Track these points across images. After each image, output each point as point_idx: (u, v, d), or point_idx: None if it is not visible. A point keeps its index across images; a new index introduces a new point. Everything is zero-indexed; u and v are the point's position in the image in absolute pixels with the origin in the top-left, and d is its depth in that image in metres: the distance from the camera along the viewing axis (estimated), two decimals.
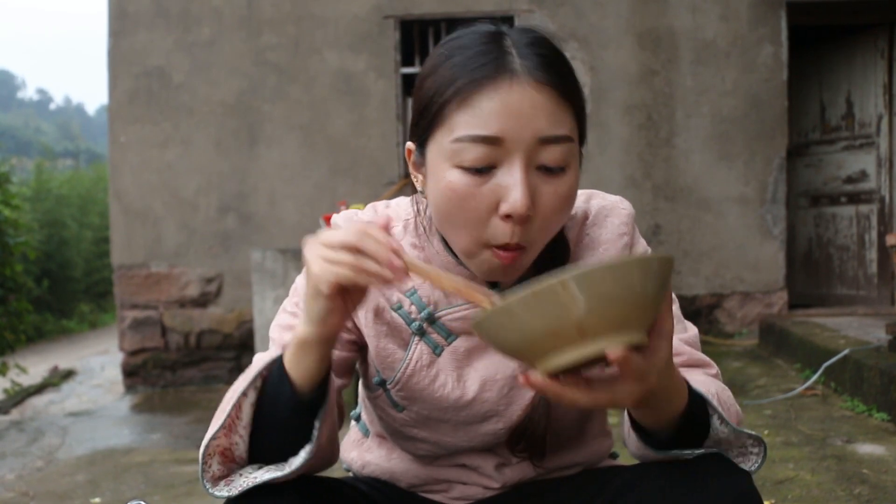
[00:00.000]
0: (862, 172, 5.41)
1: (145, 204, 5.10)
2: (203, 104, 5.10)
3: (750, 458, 0.90)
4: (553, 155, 0.83)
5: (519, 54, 0.84)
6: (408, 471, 1.05)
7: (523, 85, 0.82)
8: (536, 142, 0.82)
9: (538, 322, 0.67)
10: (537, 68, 0.83)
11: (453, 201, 0.84)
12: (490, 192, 0.83)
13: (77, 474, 3.10)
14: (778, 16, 5.02)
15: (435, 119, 0.86)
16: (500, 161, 0.83)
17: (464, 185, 0.83)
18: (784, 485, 2.31)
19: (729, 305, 5.10)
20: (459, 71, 0.84)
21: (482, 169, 0.83)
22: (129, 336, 5.08)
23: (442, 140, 0.85)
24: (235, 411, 0.83)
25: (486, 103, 0.82)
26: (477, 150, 0.82)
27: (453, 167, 0.84)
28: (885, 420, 2.91)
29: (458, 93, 0.83)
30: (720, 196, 5.07)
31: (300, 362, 0.82)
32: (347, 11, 5.07)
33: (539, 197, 0.84)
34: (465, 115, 0.83)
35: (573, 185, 0.86)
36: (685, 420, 0.83)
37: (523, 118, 0.82)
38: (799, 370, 3.94)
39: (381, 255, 0.75)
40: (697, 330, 1.01)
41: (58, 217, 10.58)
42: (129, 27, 5.10)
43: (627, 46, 5.07)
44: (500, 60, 0.83)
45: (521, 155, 0.82)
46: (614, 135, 5.08)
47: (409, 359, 0.96)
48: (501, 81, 0.82)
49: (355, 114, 5.02)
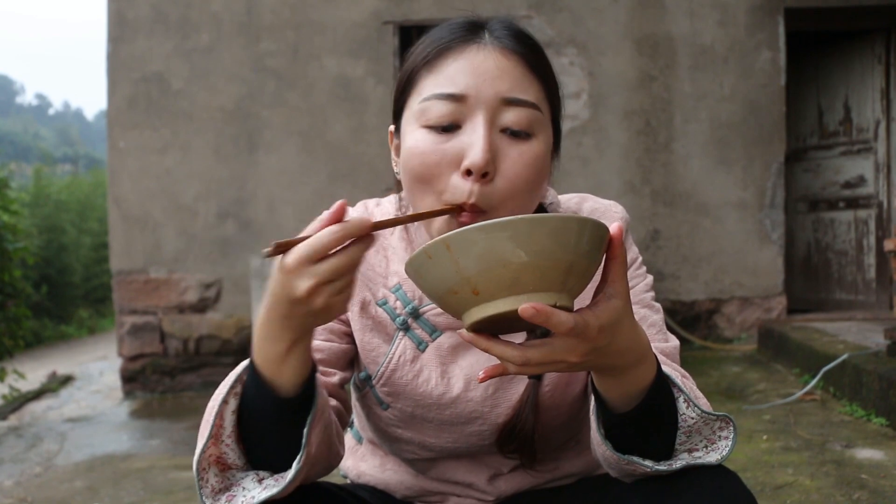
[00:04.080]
0: (860, 177, 5.42)
1: (144, 210, 5.10)
2: (202, 110, 5.11)
3: (720, 445, 0.85)
4: (517, 117, 0.84)
5: (490, 30, 0.88)
6: (401, 482, 1.05)
7: (490, 49, 0.86)
8: (500, 101, 0.84)
9: (436, 279, 0.67)
10: (506, 38, 0.87)
11: (417, 157, 0.85)
12: (453, 149, 0.84)
13: (75, 480, 3.09)
14: (776, 21, 5.03)
15: (406, 88, 0.89)
16: (464, 119, 0.84)
17: (428, 143, 0.85)
18: (783, 490, 2.31)
19: (728, 310, 5.10)
20: (431, 43, 0.88)
21: (447, 127, 0.84)
22: (127, 342, 5.07)
23: (412, 104, 0.88)
24: (218, 420, 0.80)
25: (452, 64, 0.85)
26: (441, 106, 0.84)
27: (420, 127, 0.86)
28: (883, 425, 2.91)
29: (426, 59, 0.87)
30: (719, 201, 5.08)
31: (295, 367, 0.78)
32: (346, 18, 5.08)
33: (502, 158, 0.84)
34: (433, 77, 0.86)
35: (540, 155, 0.86)
36: (651, 399, 0.79)
37: (488, 77, 0.84)
38: (798, 375, 3.94)
39: (357, 228, 0.69)
40: (679, 343, 0.99)
41: (57, 222, 10.58)
42: (129, 33, 5.10)
43: (626, 52, 5.08)
44: (470, 32, 0.87)
45: (485, 113, 0.83)
46: (613, 140, 5.09)
47: (392, 353, 0.96)
48: (469, 46, 0.86)
49: (354, 120, 5.03)
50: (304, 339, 0.76)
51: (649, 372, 0.79)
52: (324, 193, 5.03)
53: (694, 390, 0.88)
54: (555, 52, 5.02)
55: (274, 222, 5.08)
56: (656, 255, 5.05)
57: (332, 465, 0.91)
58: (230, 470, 0.82)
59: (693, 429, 0.84)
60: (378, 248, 0.99)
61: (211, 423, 0.79)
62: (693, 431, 0.84)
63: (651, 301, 1.00)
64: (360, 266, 0.72)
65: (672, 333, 1.01)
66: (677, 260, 5.06)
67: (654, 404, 0.80)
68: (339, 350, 0.97)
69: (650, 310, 0.99)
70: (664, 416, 0.82)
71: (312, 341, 0.91)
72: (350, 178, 5.03)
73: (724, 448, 0.84)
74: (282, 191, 5.09)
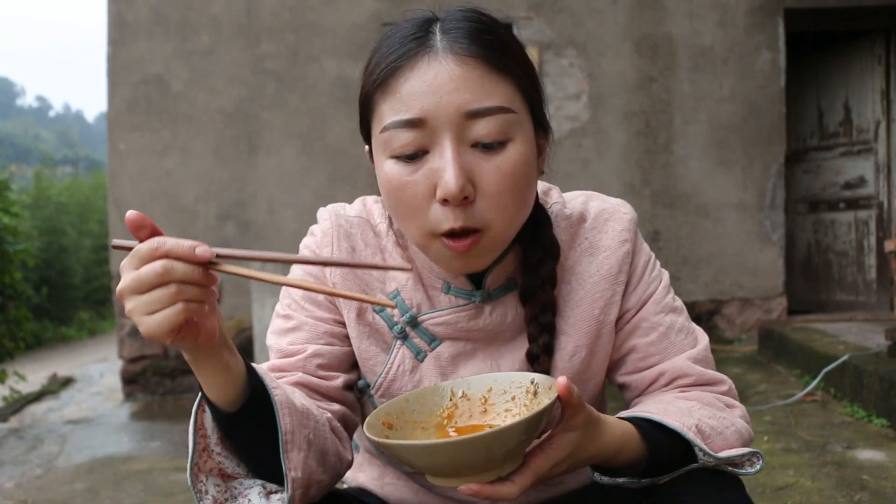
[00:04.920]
0: (860, 178, 5.42)
1: (144, 211, 5.02)
2: (202, 112, 5.11)
3: (743, 468, 0.87)
4: (486, 129, 0.78)
5: (442, 30, 0.80)
6: (401, 499, 1.02)
7: (441, 60, 0.78)
8: (462, 117, 0.78)
9: (394, 457, 0.75)
10: (459, 40, 0.79)
11: (392, 193, 0.82)
12: (424, 178, 0.79)
13: (76, 482, 3.09)
14: (775, 22, 5.04)
15: (367, 113, 0.85)
16: (430, 144, 0.79)
17: (398, 175, 0.80)
18: (784, 491, 2.30)
19: (728, 312, 5.10)
20: (380, 60, 0.82)
21: (412, 155, 0.79)
22: (128, 343, 5.07)
23: (376, 132, 0.83)
24: (201, 431, 0.77)
25: (405, 86, 0.79)
26: (403, 135, 0.79)
27: (388, 158, 0.81)
28: (884, 426, 2.91)
29: (378, 81, 0.81)
30: (719, 202, 5.08)
31: (209, 383, 0.74)
32: (346, 20, 5.08)
33: (479, 175, 0.79)
34: (388, 103, 0.80)
35: (519, 160, 0.80)
36: (655, 456, 0.82)
37: (444, 94, 0.77)
38: (798, 376, 3.94)
39: (184, 251, 0.65)
40: (707, 339, 0.97)
41: (57, 224, 10.58)
42: (129, 36, 5.11)
43: (625, 53, 5.08)
44: (419, 39, 0.80)
45: (449, 133, 0.78)
46: (613, 142, 5.09)
47: (390, 363, 0.93)
48: (419, 61, 0.79)
49: (354, 122, 4.94)
50: (198, 354, 0.71)
51: (631, 449, 0.81)
52: (324, 195, 5.03)
53: (720, 428, 0.87)
54: (554, 54, 5.03)
55: (274, 224, 5.08)
56: (656, 256, 5.04)
57: (340, 473, 0.88)
58: (234, 479, 0.80)
59: (716, 466, 0.85)
60: (375, 249, 0.95)
61: (192, 433, 0.77)
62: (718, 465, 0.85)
63: (671, 302, 0.97)
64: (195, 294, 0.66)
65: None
66: (677, 261, 5.06)
67: (662, 458, 0.82)
68: (340, 353, 0.94)
69: (673, 313, 0.96)
70: (673, 464, 0.84)
71: (278, 350, 0.93)
72: (350, 179, 5.03)
73: (747, 469, 0.87)
74: (282, 193, 5.09)
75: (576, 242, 0.94)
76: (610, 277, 0.93)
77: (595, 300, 0.92)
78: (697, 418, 0.85)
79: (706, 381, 0.93)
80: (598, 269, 0.93)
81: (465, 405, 0.84)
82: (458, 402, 0.84)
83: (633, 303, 0.94)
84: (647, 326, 0.94)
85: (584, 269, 0.93)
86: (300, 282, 0.80)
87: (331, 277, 0.93)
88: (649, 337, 0.94)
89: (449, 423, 0.83)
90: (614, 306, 0.93)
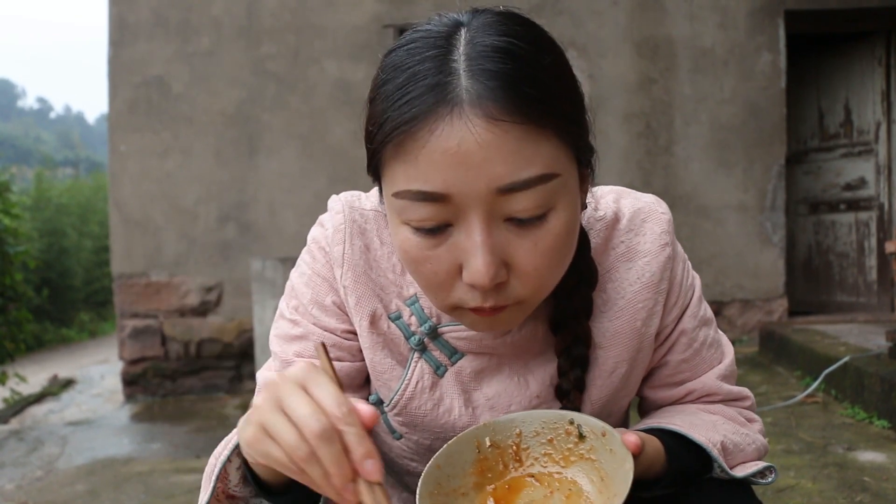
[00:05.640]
0: (861, 179, 5.41)
1: (145, 213, 5.11)
2: (203, 114, 5.11)
3: (756, 478, 0.86)
4: (524, 203, 0.64)
5: (469, 71, 0.63)
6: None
7: (467, 121, 0.62)
8: (495, 193, 0.63)
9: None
10: (489, 94, 0.62)
11: (409, 263, 0.70)
12: (448, 253, 0.67)
13: (76, 484, 3.09)
14: (776, 24, 5.04)
15: (376, 164, 0.70)
16: (454, 218, 0.66)
17: (416, 248, 0.68)
18: (785, 493, 2.30)
19: (729, 313, 5.10)
20: (389, 106, 0.65)
21: (433, 229, 0.66)
22: (128, 345, 5.07)
23: (388, 192, 0.69)
24: (223, 475, 0.75)
25: (423, 151, 0.63)
26: (421, 208, 0.65)
27: (402, 224, 0.68)
28: (885, 427, 2.91)
29: (389, 136, 0.65)
30: (719, 204, 5.08)
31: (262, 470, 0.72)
32: (347, 21, 5.08)
33: (513, 253, 0.67)
34: (402, 165, 0.65)
35: (562, 231, 0.68)
36: (674, 469, 0.80)
37: (472, 166, 0.62)
38: (799, 377, 3.94)
39: (335, 477, 0.58)
40: (733, 352, 0.93)
41: (58, 226, 10.59)
42: (129, 37, 5.11)
43: (626, 55, 5.08)
44: (438, 88, 0.63)
45: (478, 210, 0.64)
46: (613, 143, 5.09)
47: (408, 378, 0.83)
48: (439, 118, 0.62)
49: (355, 123, 5.03)
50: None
51: (661, 464, 0.78)
52: (324, 197, 4.99)
53: (743, 444, 0.85)
54: None
55: (274, 225, 5.08)
56: None
57: None
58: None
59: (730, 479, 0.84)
60: (391, 248, 0.83)
61: (215, 476, 0.75)
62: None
63: (705, 313, 0.90)
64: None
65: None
66: None
67: (677, 471, 0.80)
68: (351, 370, 0.85)
69: (706, 326, 0.90)
70: (688, 476, 0.82)
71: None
72: (350, 181, 5.03)
73: (759, 480, 0.86)
74: (282, 194, 5.09)
75: (609, 245, 0.84)
76: (652, 286, 0.83)
77: (637, 311, 0.83)
78: (723, 434, 0.83)
79: (733, 397, 0.91)
80: (639, 277, 0.83)
81: (496, 455, 0.75)
82: (487, 453, 0.75)
83: (673, 315, 0.86)
84: (685, 342, 0.87)
85: (621, 275, 0.83)
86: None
87: (342, 280, 0.83)
88: (684, 354, 0.88)
89: (484, 481, 0.75)
90: (656, 317, 0.84)
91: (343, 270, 0.83)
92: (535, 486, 0.74)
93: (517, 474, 0.74)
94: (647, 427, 0.83)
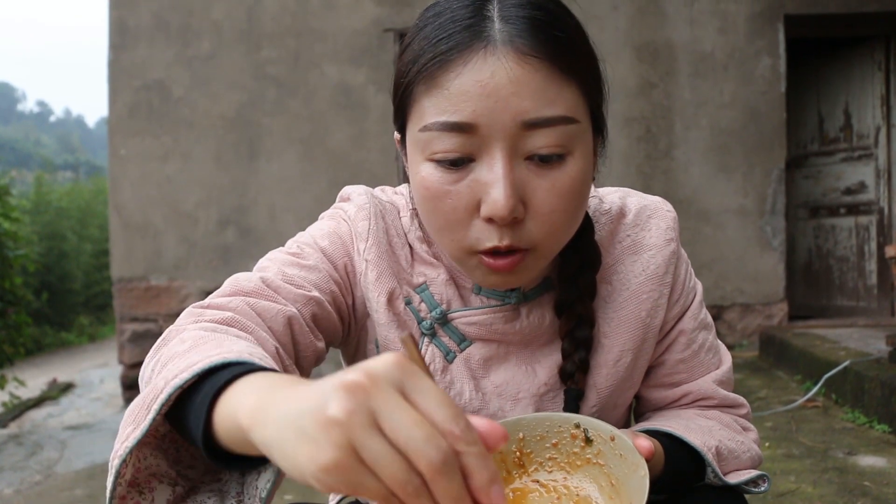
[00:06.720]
0: (861, 184, 5.42)
1: (145, 217, 5.11)
2: (203, 118, 5.11)
3: (749, 486, 0.86)
4: (545, 140, 0.68)
5: (502, 17, 0.69)
6: None
7: (500, 56, 0.67)
8: (520, 126, 0.67)
9: None
10: (521, 34, 0.67)
11: (428, 200, 0.72)
12: (468, 189, 0.70)
13: (76, 488, 3.08)
14: (776, 28, 5.04)
15: (404, 104, 0.73)
16: (477, 152, 0.69)
17: (438, 182, 0.70)
18: (785, 497, 2.30)
19: (729, 317, 5.10)
20: (426, 46, 0.70)
21: (457, 161, 0.69)
22: (128, 349, 5.07)
23: (413, 129, 0.72)
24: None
25: (455, 82, 0.67)
26: (447, 139, 0.69)
27: (426, 160, 0.71)
28: (886, 432, 2.90)
29: (423, 71, 0.69)
30: (719, 208, 5.08)
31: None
32: (347, 25, 5.09)
33: (531, 193, 0.70)
34: (433, 98, 0.69)
35: (577, 177, 0.71)
36: (670, 472, 0.80)
37: (501, 98, 0.67)
38: (799, 382, 3.93)
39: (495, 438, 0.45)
40: (730, 359, 0.94)
41: (57, 230, 10.60)
42: (130, 41, 5.11)
43: (626, 59, 5.09)
44: (474, 28, 0.68)
45: (502, 144, 0.68)
46: (613, 147, 5.08)
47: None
48: (473, 54, 0.67)
49: (355, 127, 5.04)
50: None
51: (659, 467, 0.78)
52: (324, 200, 5.02)
53: (738, 451, 0.86)
54: None
55: (275, 229, 5.08)
56: None
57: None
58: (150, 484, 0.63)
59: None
60: (403, 240, 0.86)
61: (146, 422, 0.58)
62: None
63: (705, 318, 0.92)
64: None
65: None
66: None
67: (672, 474, 0.80)
68: (336, 321, 0.82)
69: (705, 330, 0.91)
70: (681, 480, 0.82)
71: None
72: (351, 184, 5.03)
73: (751, 489, 0.85)
74: (282, 198, 5.09)
75: (616, 239, 0.86)
76: (656, 278, 0.85)
77: (642, 302, 0.85)
78: (718, 439, 0.83)
79: (728, 403, 0.91)
80: (644, 269, 0.85)
81: (498, 460, 0.73)
82: None
83: (675, 312, 0.88)
84: (683, 342, 0.89)
85: (627, 268, 0.85)
86: None
87: (365, 253, 0.83)
88: (682, 354, 0.89)
89: None
90: (660, 310, 0.86)
91: (367, 245, 0.83)
92: (541, 493, 0.72)
93: (520, 484, 0.73)
94: (643, 429, 0.83)
